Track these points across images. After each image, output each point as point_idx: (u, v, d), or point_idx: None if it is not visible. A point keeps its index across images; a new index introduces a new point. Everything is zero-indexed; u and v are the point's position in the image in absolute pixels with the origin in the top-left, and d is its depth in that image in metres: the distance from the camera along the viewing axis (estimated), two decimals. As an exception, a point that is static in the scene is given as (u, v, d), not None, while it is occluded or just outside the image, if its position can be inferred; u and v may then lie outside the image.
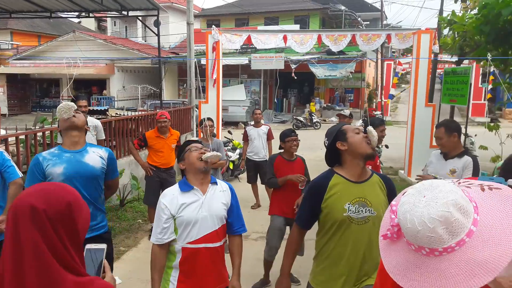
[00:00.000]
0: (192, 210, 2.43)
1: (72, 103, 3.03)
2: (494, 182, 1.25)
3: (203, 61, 10.69)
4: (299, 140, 4.49)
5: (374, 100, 21.96)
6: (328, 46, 9.33)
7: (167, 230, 2.43)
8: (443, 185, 1.15)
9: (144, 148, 6.06)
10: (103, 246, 1.42)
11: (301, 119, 19.84)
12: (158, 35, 12.20)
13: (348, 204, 2.26)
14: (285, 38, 8.90)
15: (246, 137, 7.18)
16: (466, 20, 6.00)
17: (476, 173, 3.41)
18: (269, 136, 7.17)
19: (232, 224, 2.61)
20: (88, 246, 1.43)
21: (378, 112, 19.92)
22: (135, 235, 5.92)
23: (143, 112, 10.99)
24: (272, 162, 4.49)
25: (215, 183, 2.60)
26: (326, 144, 2.39)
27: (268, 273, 4.42)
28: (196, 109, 9.76)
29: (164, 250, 2.46)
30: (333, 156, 2.38)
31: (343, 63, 19.84)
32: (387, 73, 21.79)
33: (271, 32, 9.39)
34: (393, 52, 27.89)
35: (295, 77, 16.65)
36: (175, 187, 2.54)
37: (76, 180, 2.91)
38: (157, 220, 2.48)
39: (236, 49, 20.43)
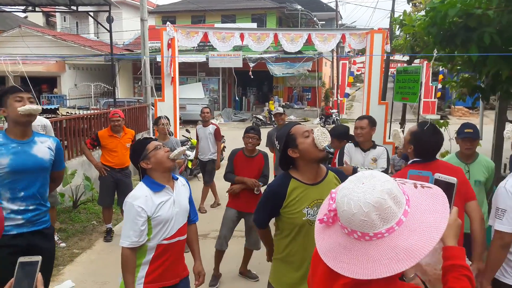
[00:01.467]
0: (167, 208, 2.47)
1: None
2: (428, 183, 1.35)
3: (159, 59, 10.47)
4: (260, 139, 4.46)
5: (331, 99, 22.42)
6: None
7: (143, 233, 2.42)
8: (381, 175, 1.23)
9: (97, 147, 5.87)
10: (38, 258, 1.28)
11: (261, 117, 19.94)
12: (110, 31, 11.82)
13: (307, 208, 2.27)
14: (242, 36, 8.86)
15: (196, 137, 7.13)
16: (416, 21, 6.22)
17: (388, 161, 3.92)
18: (217, 136, 7.03)
19: (190, 215, 2.73)
20: (21, 259, 1.29)
21: (335, 111, 20.38)
22: (90, 237, 5.75)
23: (96, 111, 10.61)
24: (232, 157, 4.49)
25: (176, 179, 2.65)
26: (279, 148, 2.35)
27: (218, 265, 4.41)
28: (152, 108, 9.55)
29: (135, 251, 2.45)
30: (287, 160, 2.36)
31: (300, 62, 20.12)
32: (343, 72, 22.32)
33: (228, 30, 9.31)
34: (349, 51, 28.62)
35: (252, 76, 16.79)
36: (144, 188, 2.48)
37: (23, 173, 2.72)
38: (131, 224, 2.40)
39: (193, 47, 20.24)
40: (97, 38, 25.22)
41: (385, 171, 3.82)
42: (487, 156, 3.72)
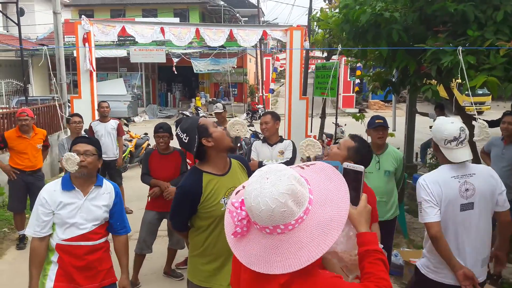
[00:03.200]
0: (70, 210, 2.42)
1: None
2: (309, 162, 1.42)
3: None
4: (171, 136, 4.30)
5: (256, 95, 22.73)
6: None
7: (46, 225, 2.40)
8: (278, 166, 1.27)
9: (4, 149, 5.40)
10: None
11: (187, 113, 19.60)
12: (18, 24, 10.82)
13: (224, 198, 2.30)
14: (162, 31, 8.61)
15: (91, 134, 6.35)
16: (332, 18, 6.49)
17: (294, 152, 4.06)
18: (119, 132, 6.60)
19: (114, 225, 2.63)
20: None
21: (260, 106, 20.69)
22: (0, 245, 5.29)
23: (4, 110, 9.70)
24: (147, 157, 4.37)
25: (100, 185, 2.56)
26: (186, 140, 2.30)
27: (137, 272, 4.23)
28: (69, 105, 8.96)
29: (44, 244, 2.41)
30: (199, 152, 2.33)
31: (224, 58, 20.10)
32: (267, 68, 22.73)
33: (148, 24, 9.00)
34: (272, 48, 29.17)
35: (176, 72, 16.46)
36: (58, 183, 2.49)
37: None
38: (35, 213, 2.42)
39: (113, 41, 19.31)
40: (7, 32, 23.03)
41: (291, 161, 3.95)
42: (400, 146, 3.99)
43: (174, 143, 4.26)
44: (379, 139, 3.76)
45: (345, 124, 12.13)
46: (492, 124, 7.02)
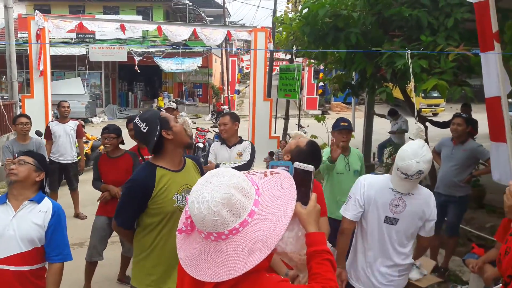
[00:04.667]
0: None
1: None
2: (277, 169, 1.38)
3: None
4: (119, 137, 4.21)
5: (221, 95, 22.61)
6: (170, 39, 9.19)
7: None
8: (227, 171, 1.22)
9: None
10: None
11: (149, 114, 19.20)
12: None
13: (176, 194, 2.25)
14: (122, 28, 8.39)
15: (49, 135, 6.05)
16: (294, 20, 6.53)
17: (253, 154, 4.02)
18: (79, 133, 6.34)
19: (47, 250, 2.34)
20: None
21: (226, 107, 20.60)
22: None
23: None
24: (96, 162, 4.22)
25: (37, 201, 2.32)
26: (145, 130, 2.22)
27: (89, 280, 4.05)
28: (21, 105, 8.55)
29: None
30: (156, 145, 2.25)
31: (189, 57, 19.87)
32: (232, 69, 22.65)
33: (107, 21, 8.75)
34: (238, 49, 29.15)
35: (139, 71, 16.09)
36: None
37: None
38: None
39: (72, 38, 18.63)
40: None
41: (248, 164, 3.91)
42: (359, 146, 4.08)
43: (127, 146, 4.15)
44: (343, 141, 3.79)
45: (308, 126, 12.26)
46: (444, 125, 7.31)
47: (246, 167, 3.81)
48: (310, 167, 1.53)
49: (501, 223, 2.89)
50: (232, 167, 3.81)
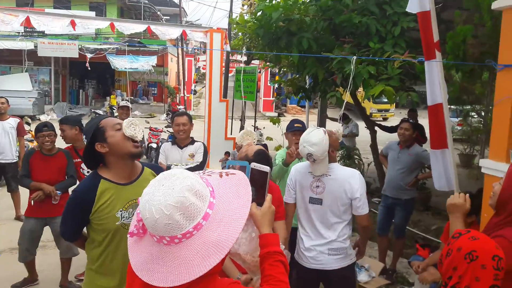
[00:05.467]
0: None
1: None
2: (233, 170, 1.36)
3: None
4: (56, 135, 4.06)
5: (177, 95, 22.30)
6: (125, 36, 8.96)
7: None
8: (181, 173, 1.18)
9: None
10: None
11: (101, 112, 18.55)
12: None
13: (121, 211, 2.06)
14: (73, 24, 8.05)
15: None
16: (251, 22, 6.56)
17: (205, 155, 4.00)
18: (20, 131, 6.00)
19: None
20: None
21: (181, 107, 20.32)
22: None
23: None
24: (28, 158, 3.99)
25: None
26: (86, 143, 2.11)
27: (33, 270, 4.05)
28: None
29: None
30: (95, 157, 2.10)
31: (144, 55, 19.44)
32: (189, 68, 22.40)
33: (57, 16, 8.35)
34: (194, 48, 28.85)
35: (90, 68, 15.55)
36: None
37: None
38: None
39: (19, 32, 17.67)
40: None
41: (201, 165, 3.86)
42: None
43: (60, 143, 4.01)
44: (296, 143, 3.76)
45: (264, 127, 12.36)
46: (391, 129, 7.61)
47: (198, 168, 3.75)
48: (266, 168, 1.54)
49: (446, 226, 3.04)
50: (184, 169, 3.76)
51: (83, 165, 4.08)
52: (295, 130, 3.74)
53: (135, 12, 24.80)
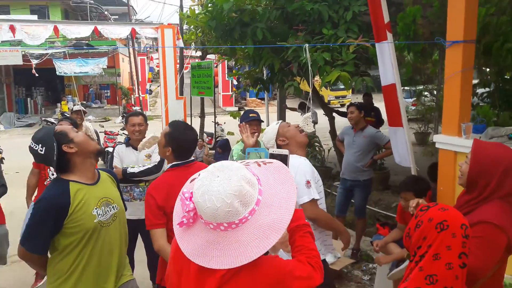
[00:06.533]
0: None
1: None
2: (266, 159, 1.52)
3: None
4: None
5: (132, 96, 21.72)
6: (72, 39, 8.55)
7: None
8: (232, 164, 1.29)
9: None
10: None
11: (53, 120, 17.73)
12: None
13: (96, 208, 2.10)
14: (12, 29, 7.60)
15: None
16: (203, 15, 6.44)
17: None
18: None
19: None
20: None
21: (137, 108, 19.81)
22: None
23: None
24: None
25: None
26: (43, 151, 2.05)
27: None
28: None
29: None
30: (63, 161, 2.08)
31: (93, 58, 18.73)
32: (142, 68, 21.85)
33: (-5, 21, 7.86)
34: (146, 47, 28.17)
35: (37, 74, 14.79)
36: None
37: None
38: None
39: (-46, 41, 16.53)
40: None
41: (159, 165, 3.69)
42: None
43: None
44: (252, 134, 3.72)
45: (225, 123, 12.28)
46: (345, 114, 7.77)
47: (156, 169, 3.62)
48: (285, 151, 1.73)
49: (398, 206, 3.14)
50: (141, 170, 3.61)
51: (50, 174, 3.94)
52: (251, 119, 3.70)
53: (81, 13, 23.84)
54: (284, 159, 1.68)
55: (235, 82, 17.26)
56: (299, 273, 1.34)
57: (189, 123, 10.69)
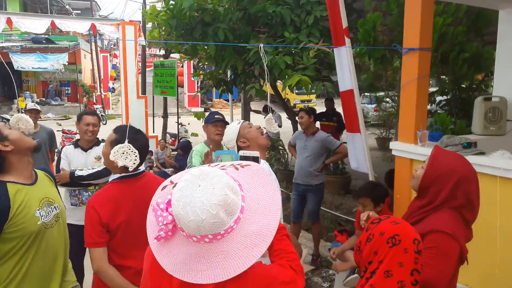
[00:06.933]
0: None
1: None
2: (245, 161, 1.40)
3: None
4: None
5: (94, 93, 21.07)
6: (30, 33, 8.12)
7: None
8: (213, 171, 1.19)
9: None
10: None
11: (8, 117, 16.93)
12: None
13: (38, 210, 1.96)
14: (-39, 19, 7.13)
15: None
16: (163, 13, 6.27)
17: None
18: None
19: None
20: None
21: (99, 106, 19.21)
22: None
23: None
24: None
25: None
26: None
27: None
28: None
29: None
30: None
31: (53, 53, 18.03)
32: (104, 65, 21.22)
33: None
34: (110, 43, 27.43)
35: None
36: None
37: None
38: None
39: None
40: None
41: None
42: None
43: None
44: (217, 135, 3.59)
45: (189, 123, 12.07)
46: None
47: (107, 172, 3.43)
48: (256, 153, 1.68)
49: (357, 212, 3.11)
50: (90, 173, 3.42)
51: None
52: (216, 120, 3.55)
53: (41, 6, 22.90)
54: (256, 160, 1.62)
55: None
56: (283, 278, 1.29)
57: (151, 123, 10.42)
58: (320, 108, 8.26)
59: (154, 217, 1.22)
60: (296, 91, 18.44)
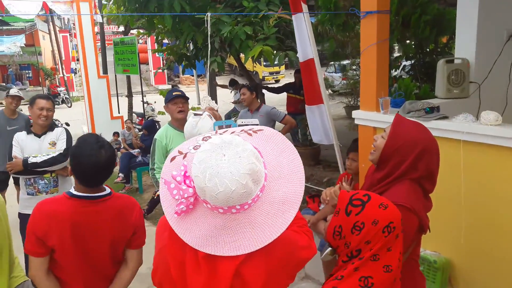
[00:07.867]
0: None
1: None
2: (253, 126, 1.31)
3: None
4: None
5: (56, 76, 20.23)
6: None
7: None
8: (234, 138, 1.12)
9: None
10: None
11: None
12: None
13: None
14: None
15: None
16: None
17: (69, 141, 3.40)
18: None
19: None
20: None
21: (62, 88, 18.50)
22: None
23: None
24: None
25: None
26: None
27: None
28: None
29: None
30: None
31: (8, 35, 17.11)
32: (65, 46, 20.31)
33: None
34: (73, 24, 26.24)
35: None
36: None
37: None
38: None
39: None
40: None
41: (65, 153, 3.32)
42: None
43: None
44: (180, 112, 3.35)
45: (155, 102, 11.75)
46: (277, 90, 7.69)
47: (63, 158, 3.26)
48: (255, 121, 1.66)
49: (339, 177, 3.05)
50: (44, 160, 3.24)
51: None
52: (175, 97, 3.30)
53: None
54: None
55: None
56: (302, 243, 1.27)
57: (116, 104, 10.05)
58: (289, 78, 8.12)
59: (168, 192, 1.16)
60: (264, 63, 18.17)
